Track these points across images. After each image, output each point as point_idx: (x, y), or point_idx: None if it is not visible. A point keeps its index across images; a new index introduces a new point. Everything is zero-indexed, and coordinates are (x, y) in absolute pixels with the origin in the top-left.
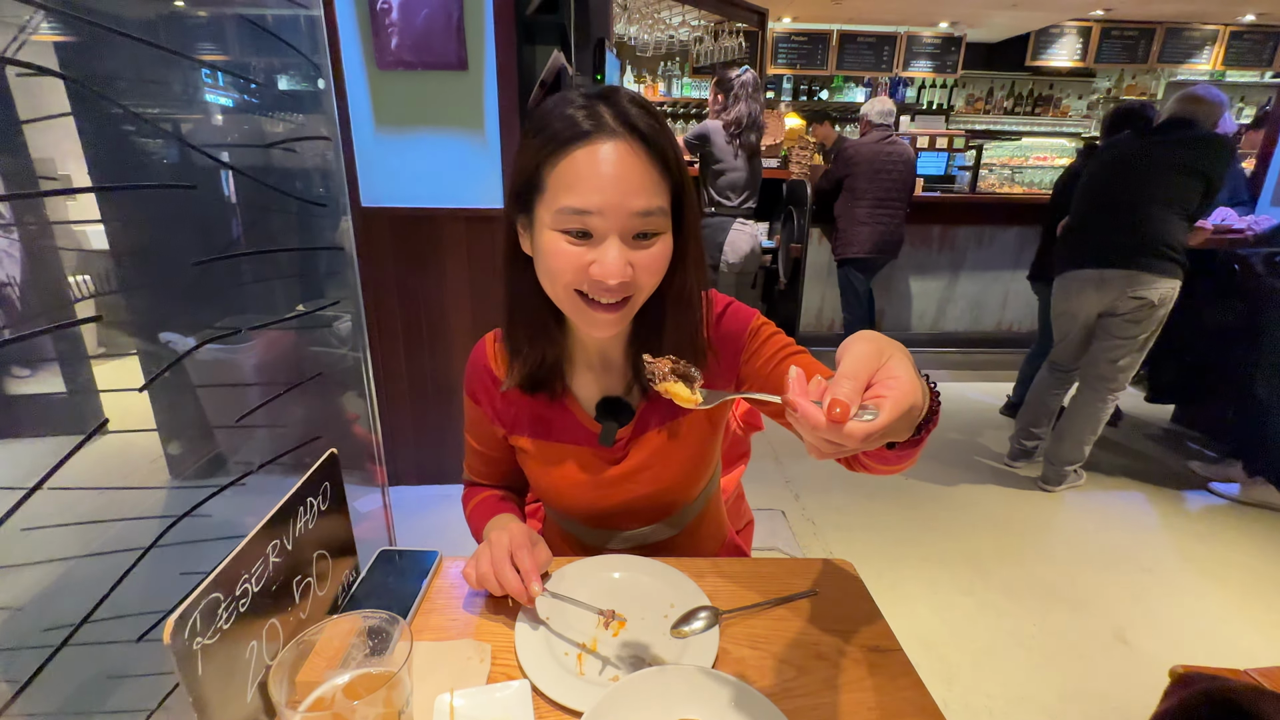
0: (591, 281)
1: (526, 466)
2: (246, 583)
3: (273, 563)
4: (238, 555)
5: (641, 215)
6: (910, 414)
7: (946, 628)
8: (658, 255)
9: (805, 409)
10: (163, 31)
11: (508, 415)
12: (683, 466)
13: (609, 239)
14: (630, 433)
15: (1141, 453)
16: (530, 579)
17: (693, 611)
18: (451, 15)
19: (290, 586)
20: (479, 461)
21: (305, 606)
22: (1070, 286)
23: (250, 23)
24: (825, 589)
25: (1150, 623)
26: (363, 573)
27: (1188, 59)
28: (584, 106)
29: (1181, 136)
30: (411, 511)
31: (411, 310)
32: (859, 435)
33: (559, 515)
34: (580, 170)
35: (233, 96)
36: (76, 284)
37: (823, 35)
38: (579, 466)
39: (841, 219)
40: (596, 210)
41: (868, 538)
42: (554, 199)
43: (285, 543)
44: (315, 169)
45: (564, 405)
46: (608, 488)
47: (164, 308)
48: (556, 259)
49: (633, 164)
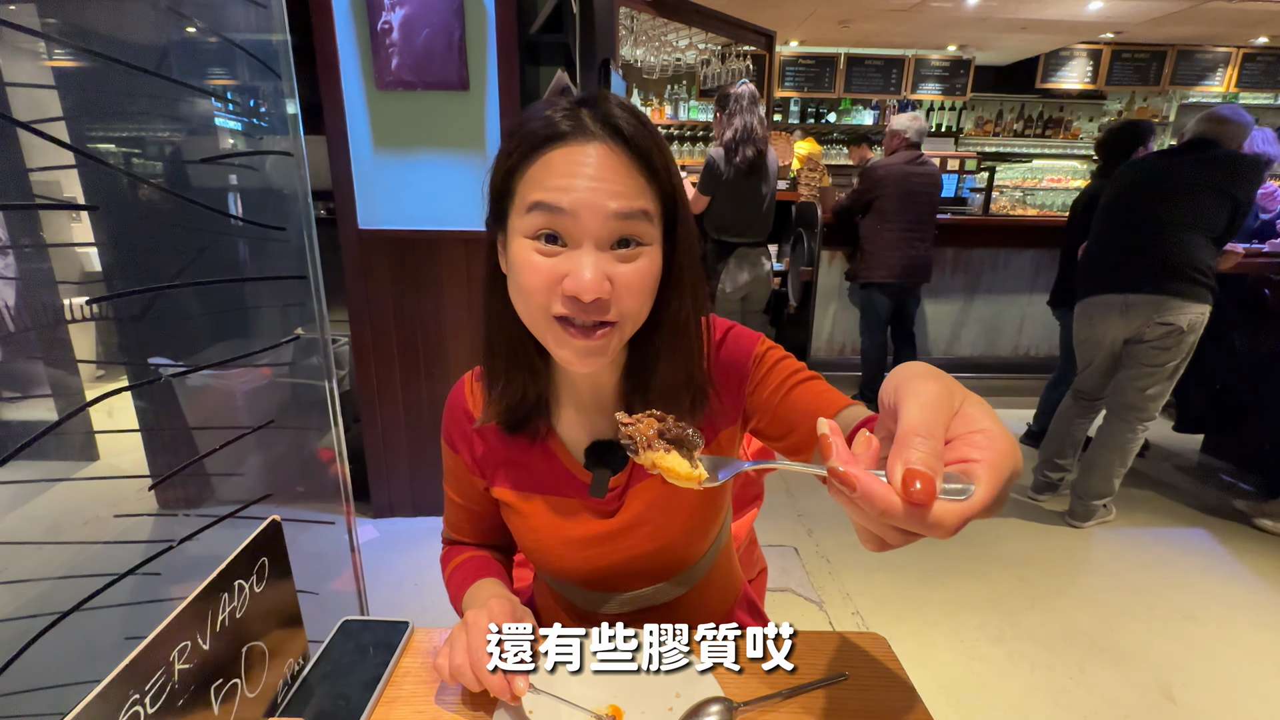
0: (564, 298)
1: (510, 521)
2: (137, 705)
3: (179, 671)
4: (124, 671)
5: (620, 217)
6: (1011, 482)
7: (976, 681)
8: (642, 271)
9: (869, 487)
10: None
11: (487, 463)
12: (688, 519)
13: (583, 246)
14: (625, 480)
15: (1172, 485)
16: (514, 674)
17: (702, 705)
18: (453, 35)
19: (207, 694)
20: (460, 516)
21: (228, 715)
22: (1093, 312)
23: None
24: (856, 670)
25: (1199, 677)
26: (320, 649)
27: (1200, 81)
28: (565, 109)
29: (1207, 156)
30: (404, 547)
31: (408, 334)
32: (954, 520)
33: (549, 575)
34: (553, 168)
35: (199, 119)
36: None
37: (830, 58)
38: (567, 521)
39: (868, 241)
40: (569, 209)
41: (886, 579)
42: (523, 200)
43: (200, 641)
44: (290, 194)
45: (548, 449)
46: (601, 545)
47: (125, 335)
48: (525, 272)
49: (612, 165)
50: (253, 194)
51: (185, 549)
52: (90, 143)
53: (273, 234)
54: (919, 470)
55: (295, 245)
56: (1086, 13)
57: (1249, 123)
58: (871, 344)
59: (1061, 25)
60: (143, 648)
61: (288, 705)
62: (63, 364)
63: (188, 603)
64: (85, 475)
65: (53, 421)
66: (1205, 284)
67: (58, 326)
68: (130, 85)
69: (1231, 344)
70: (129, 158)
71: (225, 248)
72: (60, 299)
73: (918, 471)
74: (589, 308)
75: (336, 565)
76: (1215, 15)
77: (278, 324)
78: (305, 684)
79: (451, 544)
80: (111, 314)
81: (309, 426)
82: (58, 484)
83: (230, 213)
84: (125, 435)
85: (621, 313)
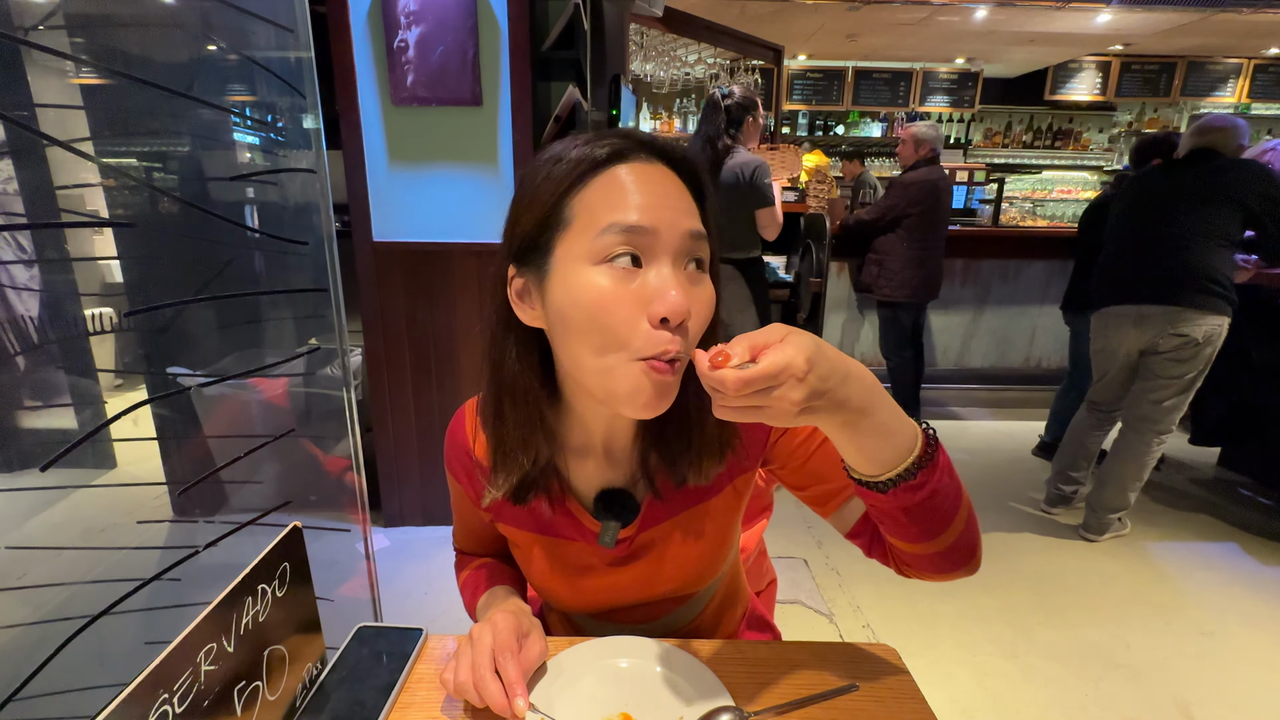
0: (649, 330)
1: (515, 555)
2: (166, 704)
3: (205, 672)
4: (154, 671)
5: (693, 237)
6: (792, 377)
7: (989, 697)
8: (709, 297)
9: (696, 357)
10: (154, 68)
11: (492, 502)
12: (702, 559)
13: (662, 261)
14: (636, 530)
15: (1189, 497)
16: (515, 693)
17: (713, 713)
18: (467, 52)
19: (230, 696)
20: (465, 534)
21: (250, 717)
22: (1108, 323)
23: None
24: (866, 681)
25: (1218, 695)
26: (336, 655)
27: (1211, 92)
28: (606, 137)
29: (1209, 166)
30: (414, 556)
31: (420, 345)
32: (732, 379)
33: (555, 607)
34: (624, 184)
35: (220, 134)
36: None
37: (838, 71)
38: (573, 565)
39: (890, 258)
40: (650, 226)
41: (897, 591)
42: (591, 223)
43: (225, 644)
44: (310, 208)
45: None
46: (611, 591)
47: (147, 346)
48: (605, 303)
49: (676, 186)
50: (272, 207)
51: (199, 556)
52: (114, 158)
53: (291, 246)
54: (720, 347)
55: (312, 258)
56: (1094, 25)
57: (1240, 125)
58: (901, 362)
59: (1069, 38)
60: (172, 649)
61: (305, 709)
62: (83, 373)
63: (213, 606)
64: (106, 483)
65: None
66: (1221, 294)
67: (79, 337)
68: (153, 104)
69: (1247, 355)
70: (150, 171)
71: (243, 260)
72: (82, 310)
73: (721, 349)
74: (675, 333)
75: (348, 573)
76: (1225, 26)
77: (291, 335)
78: (322, 689)
79: (462, 554)
80: (130, 325)
81: (327, 435)
82: (76, 492)
83: (250, 226)
84: (141, 444)
85: (689, 342)
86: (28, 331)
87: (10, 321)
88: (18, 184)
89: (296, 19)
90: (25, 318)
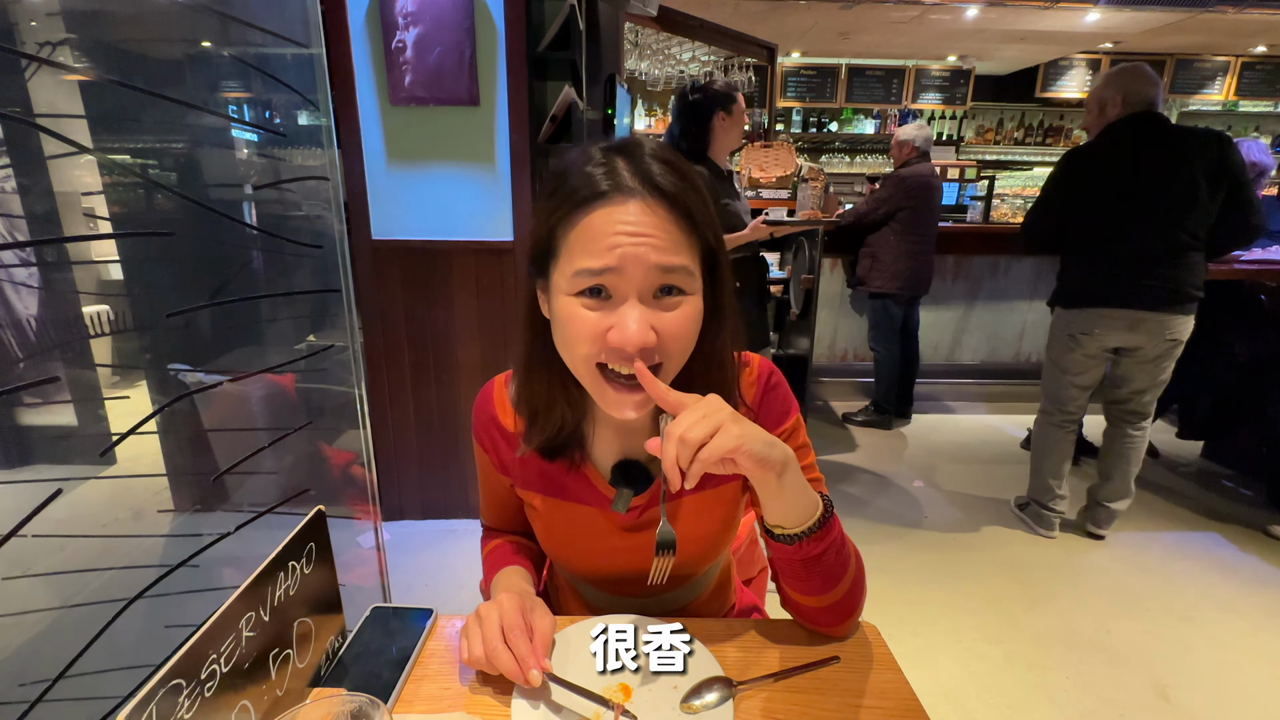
0: (609, 350)
1: (534, 523)
2: (214, 664)
3: (245, 638)
4: (205, 634)
5: (663, 270)
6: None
7: (973, 681)
8: (685, 318)
9: None
10: (165, 73)
11: (516, 468)
12: (705, 540)
13: (628, 300)
14: (647, 501)
15: (1172, 489)
16: (527, 665)
17: (705, 683)
18: (464, 53)
19: (266, 661)
20: (490, 507)
21: (283, 681)
22: (1096, 323)
23: (249, 64)
24: (847, 654)
25: (1193, 678)
26: (353, 633)
27: (1200, 90)
28: (602, 163)
29: (1190, 146)
30: (414, 549)
31: (419, 342)
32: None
33: (565, 572)
34: (595, 231)
35: (231, 138)
36: (92, 317)
37: (831, 69)
38: (587, 529)
39: (882, 250)
40: (615, 267)
41: (886, 580)
42: (568, 263)
43: (262, 613)
44: (320, 210)
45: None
46: (620, 554)
47: (161, 345)
48: (572, 325)
49: (653, 223)
50: (281, 208)
51: (213, 547)
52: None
53: (299, 248)
54: None
55: (317, 258)
56: (1084, 24)
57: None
58: (888, 354)
59: (1059, 36)
60: (216, 617)
61: (328, 679)
62: (83, 369)
63: (251, 580)
64: (115, 474)
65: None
66: (1200, 297)
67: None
68: (166, 113)
69: (1232, 350)
70: (145, 169)
71: (267, 263)
72: (80, 308)
73: None
74: (632, 358)
75: (351, 563)
76: (1213, 25)
77: (290, 332)
78: (341, 662)
79: (488, 530)
80: (143, 325)
81: (333, 427)
82: (75, 490)
83: (271, 231)
84: (138, 441)
85: (666, 356)
86: (28, 330)
87: (13, 324)
88: (27, 189)
89: (310, 35)
90: (26, 319)
